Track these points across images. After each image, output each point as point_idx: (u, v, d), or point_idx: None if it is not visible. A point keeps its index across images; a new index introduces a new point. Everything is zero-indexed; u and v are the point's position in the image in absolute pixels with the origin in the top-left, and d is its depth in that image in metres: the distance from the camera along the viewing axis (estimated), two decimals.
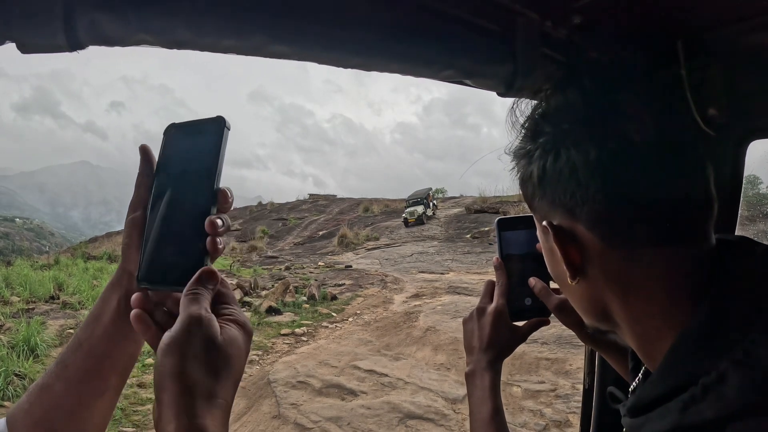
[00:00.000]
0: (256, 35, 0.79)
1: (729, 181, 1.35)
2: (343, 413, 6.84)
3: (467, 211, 30.04)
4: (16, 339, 8.60)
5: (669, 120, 0.67)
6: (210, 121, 0.77)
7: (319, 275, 17.89)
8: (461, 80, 1.05)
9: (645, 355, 0.73)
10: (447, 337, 9.63)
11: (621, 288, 0.70)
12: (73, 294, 12.82)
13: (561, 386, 7.28)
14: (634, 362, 0.93)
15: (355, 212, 39.37)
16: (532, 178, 0.74)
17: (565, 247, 0.72)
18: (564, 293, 0.86)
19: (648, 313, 0.69)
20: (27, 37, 0.71)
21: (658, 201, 0.65)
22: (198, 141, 0.77)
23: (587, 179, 0.66)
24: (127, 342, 0.79)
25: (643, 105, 0.66)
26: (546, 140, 0.71)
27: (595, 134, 0.66)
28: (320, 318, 12.07)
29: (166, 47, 0.77)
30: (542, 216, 0.76)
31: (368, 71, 0.95)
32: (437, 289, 14.17)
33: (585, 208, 0.68)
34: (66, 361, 0.76)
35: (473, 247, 21.73)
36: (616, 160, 0.65)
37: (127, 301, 0.76)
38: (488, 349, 1.15)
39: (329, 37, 0.85)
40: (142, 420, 6.59)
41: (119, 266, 0.80)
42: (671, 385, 0.62)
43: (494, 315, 1.16)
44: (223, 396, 0.64)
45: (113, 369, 0.78)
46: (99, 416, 0.78)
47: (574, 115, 0.69)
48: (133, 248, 0.78)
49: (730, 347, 0.58)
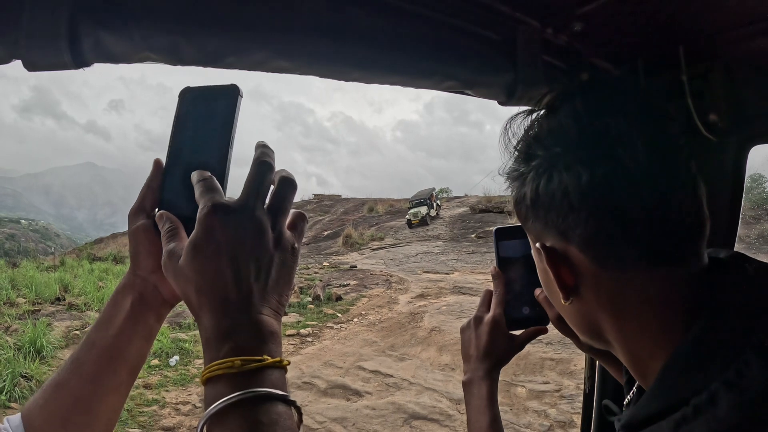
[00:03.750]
0: (257, 52, 0.80)
1: (730, 185, 1.35)
2: (348, 414, 6.86)
3: (472, 210, 29.94)
4: (23, 340, 8.63)
5: (661, 142, 0.67)
6: (224, 88, 0.78)
7: (324, 276, 17.89)
8: (462, 90, 1.06)
9: (638, 374, 0.73)
10: (452, 338, 9.62)
11: (613, 309, 0.71)
12: (78, 295, 12.86)
13: (565, 387, 7.27)
14: (629, 376, 0.94)
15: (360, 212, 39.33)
16: (525, 200, 0.75)
17: (557, 269, 0.73)
18: (559, 311, 0.86)
19: (640, 334, 0.70)
20: (33, 55, 0.72)
21: (650, 223, 0.65)
22: (213, 106, 0.79)
23: (579, 202, 0.66)
24: (139, 340, 0.82)
25: (635, 128, 0.66)
26: (539, 163, 0.71)
27: (587, 158, 0.66)
28: (325, 318, 12.08)
29: (170, 64, 0.78)
30: (536, 237, 0.77)
31: (369, 84, 0.95)
32: (442, 289, 14.16)
33: (577, 231, 0.68)
34: (80, 360, 0.79)
35: (478, 247, 21.70)
36: (607, 183, 0.65)
37: (140, 302, 0.81)
38: (485, 359, 1.16)
39: (330, 52, 0.86)
40: (148, 421, 6.62)
41: (129, 271, 0.83)
42: (663, 404, 0.62)
43: (491, 324, 1.16)
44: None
45: (125, 366, 0.81)
46: (111, 409, 0.82)
47: (566, 139, 0.69)
48: (143, 254, 0.81)
49: (721, 368, 0.58)
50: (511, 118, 0.80)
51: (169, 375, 8.19)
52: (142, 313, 0.81)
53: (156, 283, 0.82)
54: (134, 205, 0.82)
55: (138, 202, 0.81)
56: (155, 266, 0.79)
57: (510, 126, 0.79)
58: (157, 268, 0.77)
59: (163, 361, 8.57)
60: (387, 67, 0.93)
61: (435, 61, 0.97)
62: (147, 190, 0.81)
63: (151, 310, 0.83)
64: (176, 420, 6.70)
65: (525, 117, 0.78)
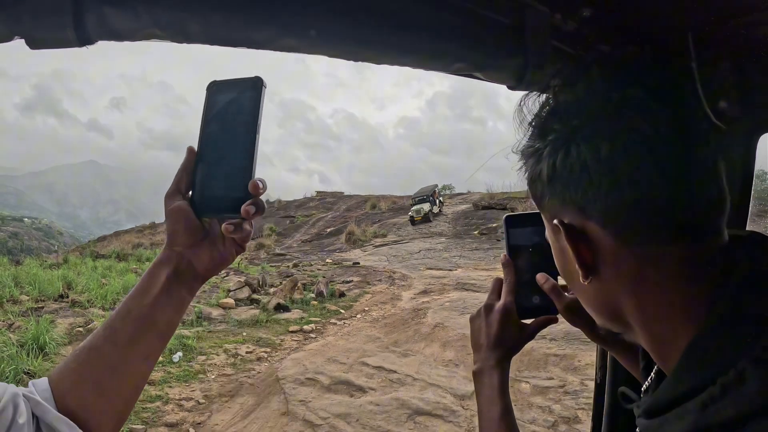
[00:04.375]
0: (265, 28, 0.78)
1: (740, 174, 1.34)
2: (352, 410, 6.86)
3: (475, 207, 29.97)
4: (26, 337, 8.64)
5: (682, 114, 0.65)
6: (249, 80, 0.87)
7: (327, 272, 17.92)
8: (471, 73, 1.04)
9: (659, 357, 0.71)
10: (455, 334, 9.63)
11: (634, 287, 0.69)
12: (82, 292, 12.88)
13: (570, 382, 7.27)
14: (645, 361, 0.91)
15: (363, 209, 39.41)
16: (541, 176, 0.72)
17: (576, 246, 0.71)
18: (575, 293, 0.85)
19: (662, 313, 0.68)
20: (36, 32, 0.71)
21: (673, 196, 0.63)
22: (239, 98, 0.88)
23: (599, 176, 0.64)
24: (172, 311, 0.90)
25: (655, 99, 0.64)
26: (555, 137, 0.69)
27: (606, 129, 0.64)
28: (328, 315, 12.10)
29: (176, 41, 0.77)
30: (552, 215, 0.74)
31: (378, 64, 0.94)
32: (445, 286, 14.17)
33: (597, 206, 0.66)
34: (115, 327, 0.86)
35: (481, 244, 21.73)
36: (628, 155, 0.63)
37: (175, 275, 0.89)
38: (496, 347, 1.13)
39: (339, 30, 0.84)
40: (152, 417, 6.62)
41: (165, 247, 0.91)
42: (688, 386, 0.60)
43: (502, 312, 1.14)
44: None
45: (157, 334, 0.89)
46: (140, 376, 0.88)
47: (585, 111, 0.67)
48: (180, 231, 0.89)
49: (747, 345, 0.56)
50: (526, 95, 0.78)
51: (173, 371, 8.20)
52: (177, 286, 0.89)
53: (191, 258, 0.91)
54: (170, 188, 0.90)
55: (174, 185, 0.90)
56: (191, 242, 0.90)
57: (524, 103, 0.77)
58: (193, 243, 0.90)
59: (166, 358, 8.58)
60: (397, 46, 0.91)
61: (445, 41, 0.95)
62: (182, 174, 0.90)
63: (184, 283, 0.91)
64: (179, 416, 6.70)
65: (540, 94, 0.76)
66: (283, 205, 48.73)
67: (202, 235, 0.91)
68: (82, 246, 32.00)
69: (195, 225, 0.89)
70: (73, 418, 0.80)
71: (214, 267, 0.93)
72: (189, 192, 0.91)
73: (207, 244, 0.91)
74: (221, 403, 7.17)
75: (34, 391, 0.81)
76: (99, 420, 0.83)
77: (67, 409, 0.80)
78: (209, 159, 0.89)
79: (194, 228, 0.89)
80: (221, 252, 0.93)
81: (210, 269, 0.92)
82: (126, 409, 0.88)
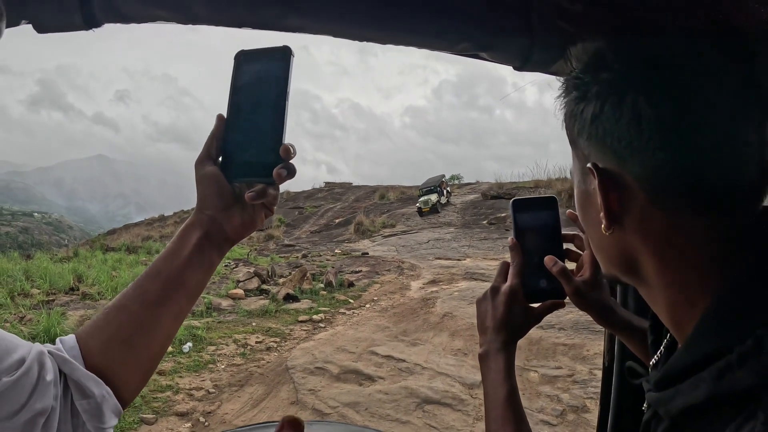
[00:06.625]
0: (270, 7, 0.78)
1: None
2: (361, 398, 6.88)
3: (483, 197, 29.86)
4: (37, 330, 8.70)
5: (752, 91, 0.62)
6: (278, 49, 0.89)
7: (335, 262, 17.92)
8: (477, 54, 1.04)
9: (673, 322, 0.70)
10: (464, 323, 9.63)
11: (659, 248, 0.68)
12: (92, 285, 12.93)
13: (578, 372, 7.26)
14: (654, 336, 0.90)
15: (371, 199, 39.36)
16: (583, 114, 0.69)
17: (606, 194, 0.69)
18: (590, 241, 0.83)
19: (683, 279, 0.67)
20: (43, 16, 0.72)
21: (721, 172, 0.62)
22: (268, 67, 0.90)
23: (650, 132, 0.62)
24: (201, 272, 0.93)
25: (729, 71, 0.62)
26: (612, 77, 0.66)
27: (674, 88, 0.62)
28: (337, 304, 12.11)
29: (182, 23, 0.77)
30: (586, 156, 0.72)
31: (383, 44, 0.94)
32: (454, 275, 14.16)
33: (639, 158, 0.64)
34: (144, 287, 0.89)
35: (490, 233, 21.67)
36: (688, 119, 0.61)
37: (205, 238, 0.93)
38: (502, 330, 1.12)
39: (344, 10, 0.84)
40: (162, 407, 6.67)
41: (196, 210, 0.94)
42: (704, 352, 0.59)
43: (508, 295, 1.13)
44: None
45: (186, 294, 0.92)
46: (167, 334, 0.92)
47: (654, 62, 0.64)
48: (210, 195, 0.93)
49: (766, 314, 0.56)
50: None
51: (183, 361, 8.25)
52: (207, 248, 0.93)
53: (222, 222, 0.94)
54: (201, 154, 0.95)
55: (204, 151, 0.94)
56: (222, 206, 0.93)
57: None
58: (224, 208, 0.93)
59: (176, 348, 8.62)
60: (401, 27, 0.91)
61: (449, 19, 0.94)
62: (212, 141, 0.94)
63: (214, 245, 0.94)
64: (190, 405, 6.74)
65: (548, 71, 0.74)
66: (291, 196, 48.72)
67: (232, 200, 0.94)
68: (92, 239, 32.15)
69: (226, 189, 0.93)
70: (100, 376, 0.83)
71: (244, 230, 0.97)
72: (219, 158, 0.95)
73: (237, 208, 0.95)
74: (231, 393, 7.20)
75: (61, 348, 0.84)
76: (126, 377, 0.86)
77: (95, 367, 0.83)
78: (239, 126, 0.92)
79: (225, 192, 0.93)
80: (251, 215, 0.97)
81: (240, 232, 0.97)
82: (152, 367, 0.92)
